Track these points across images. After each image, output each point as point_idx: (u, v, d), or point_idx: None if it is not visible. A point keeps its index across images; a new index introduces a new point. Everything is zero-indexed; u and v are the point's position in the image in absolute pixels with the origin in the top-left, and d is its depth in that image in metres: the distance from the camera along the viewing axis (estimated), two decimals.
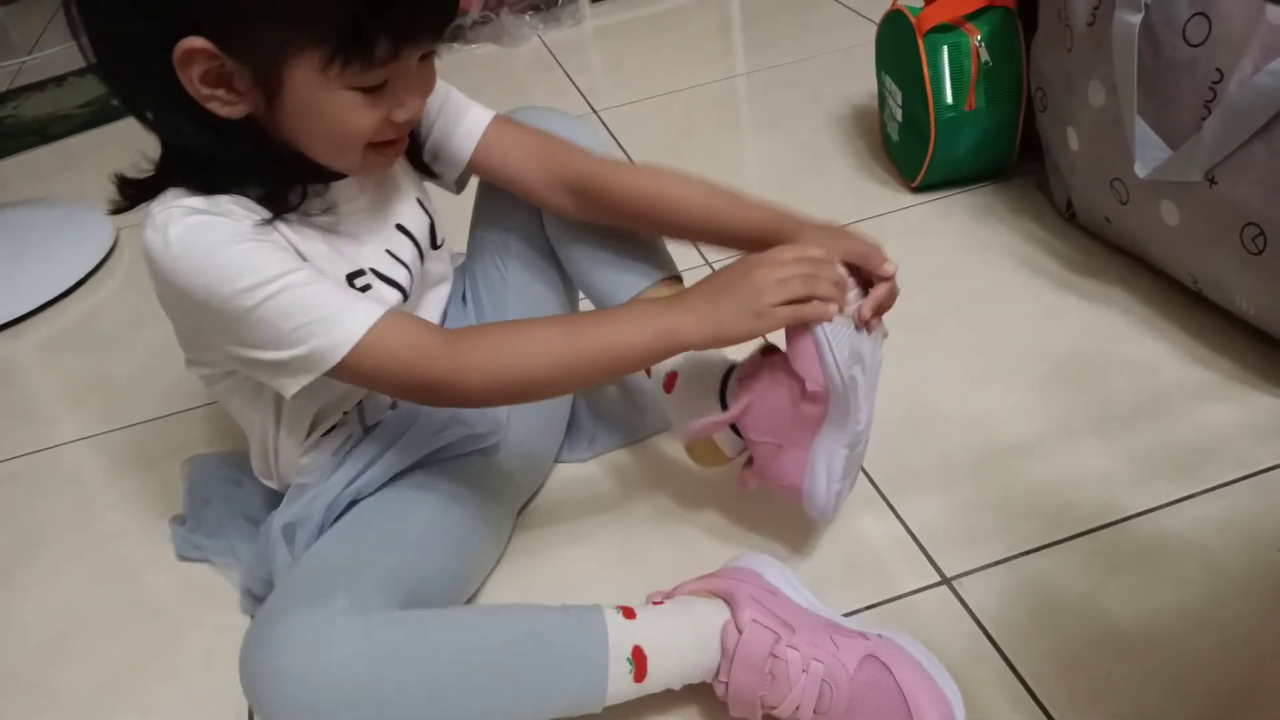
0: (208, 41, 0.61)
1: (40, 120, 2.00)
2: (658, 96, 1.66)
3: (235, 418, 0.83)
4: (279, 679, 0.62)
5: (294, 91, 0.64)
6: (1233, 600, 0.73)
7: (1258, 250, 0.86)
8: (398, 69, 0.66)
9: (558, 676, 0.67)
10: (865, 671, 0.66)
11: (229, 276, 0.65)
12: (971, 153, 1.21)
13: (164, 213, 0.66)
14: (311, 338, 0.66)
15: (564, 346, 0.70)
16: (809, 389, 0.73)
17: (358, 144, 0.69)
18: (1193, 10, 0.86)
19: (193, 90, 0.63)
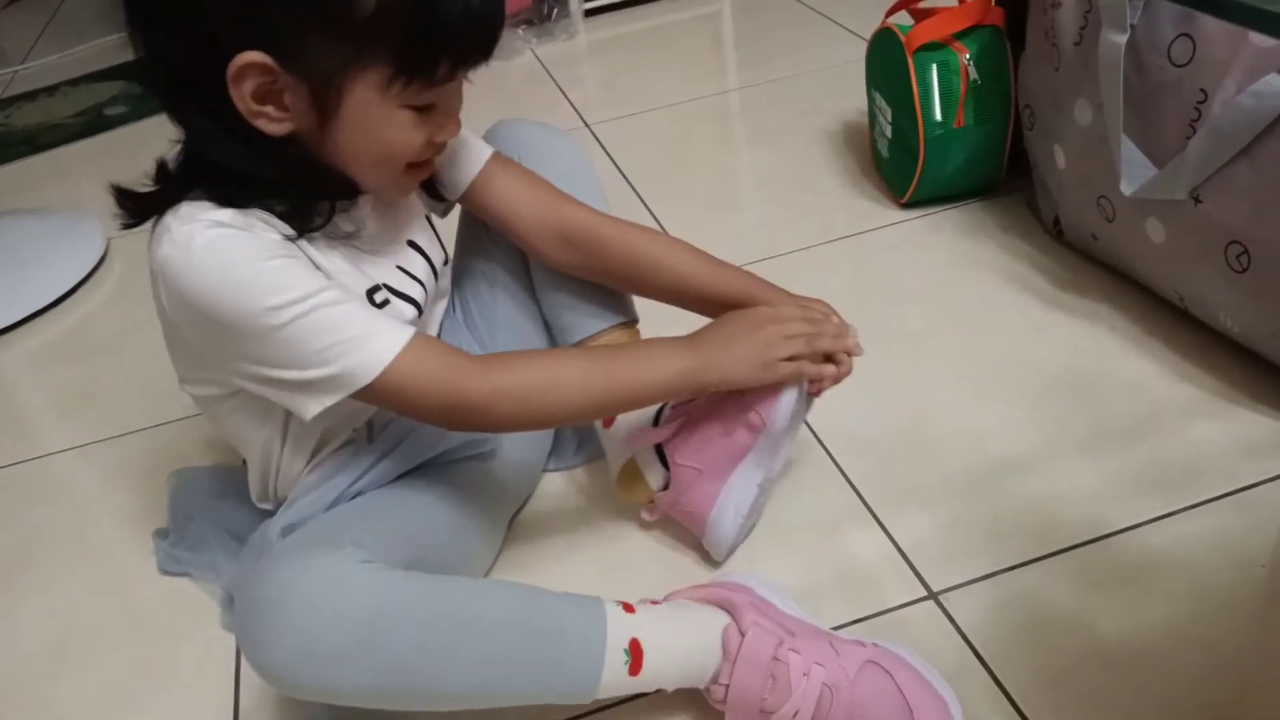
0: (267, 56, 0.61)
1: (31, 130, 1.99)
2: (651, 111, 1.66)
3: (233, 439, 0.81)
4: (281, 620, 0.60)
5: (352, 109, 0.65)
6: (1219, 616, 0.73)
7: (1242, 268, 0.87)
8: (447, 91, 0.68)
9: (554, 659, 0.66)
10: (866, 677, 0.67)
11: (258, 293, 0.64)
12: (960, 170, 1.22)
13: (185, 226, 0.64)
14: (341, 358, 0.66)
15: (595, 379, 0.73)
16: (752, 421, 0.79)
17: (400, 163, 0.71)
18: (1177, 31, 0.87)
19: (242, 106, 0.63)
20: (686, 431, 0.82)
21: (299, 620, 0.60)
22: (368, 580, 0.62)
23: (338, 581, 0.61)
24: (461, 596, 0.66)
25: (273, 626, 0.60)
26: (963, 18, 1.18)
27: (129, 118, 1.93)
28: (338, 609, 0.60)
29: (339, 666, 0.60)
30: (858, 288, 1.15)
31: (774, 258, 1.22)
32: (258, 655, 0.61)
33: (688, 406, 0.82)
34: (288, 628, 0.60)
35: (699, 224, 1.32)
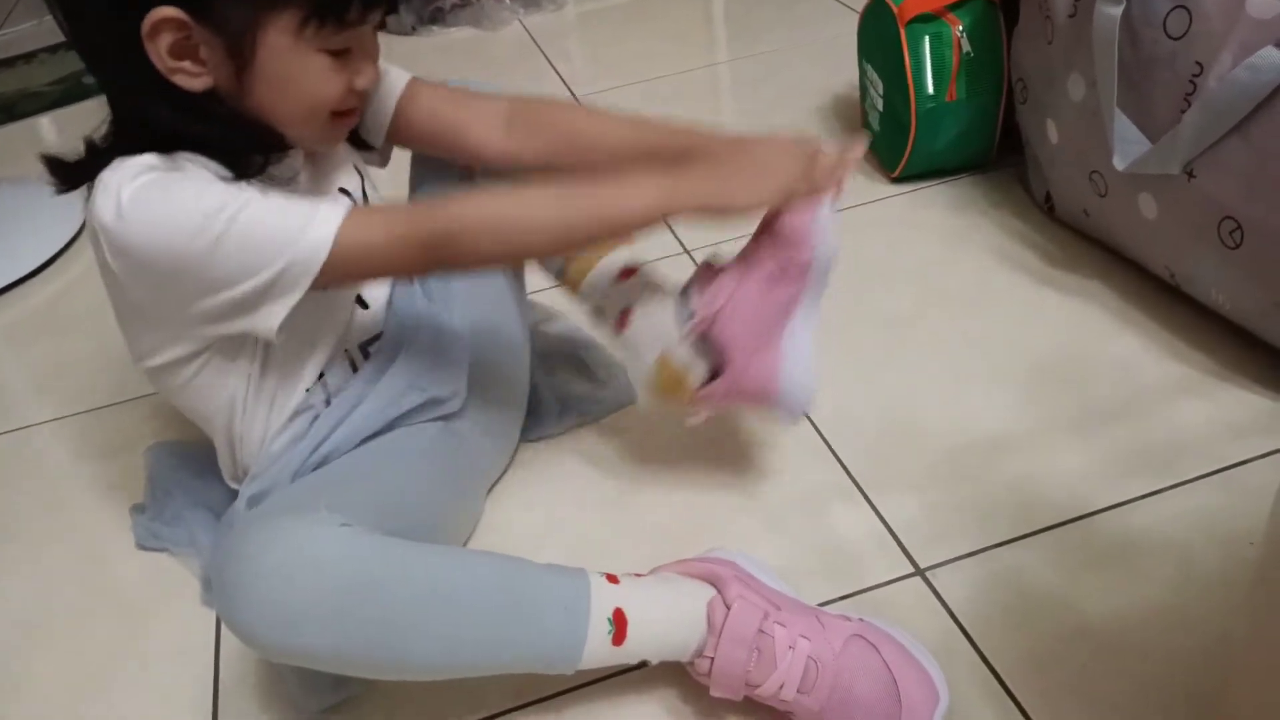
0: (179, 10, 0.62)
1: (9, 98, 1.96)
2: (639, 83, 1.64)
3: (196, 415, 0.80)
4: (259, 580, 0.60)
5: (267, 58, 0.65)
6: (1205, 595, 0.73)
7: (1234, 245, 0.86)
8: (359, 35, 0.69)
9: (536, 626, 0.65)
10: (851, 651, 0.66)
11: (186, 218, 0.63)
12: (952, 144, 1.21)
13: (114, 175, 0.64)
14: (289, 247, 0.64)
15: (571, 204, 0.70)
16: (791, 266, 0.74)
17: (323, 112, 0.71)
18: (1173, 4, 0.86)
19: (159, 63, 0.64)
20: (725, 310, 0.76)
21: (275, 583, 0.60)
22: (345, 543, 0.62)
23: (314, 544, 0.61)
24: (442, 562, 0.65)
25: (249, 590, 0.60)
26: None
27: None
28: (314, 572, 0.60)
29: (317, 630, 0.60)
30: (849, 262, 1.12)
31: None
32: (235, 619, 0.61)
33: (713, 283, 0.77)
34: (264, 591, 0.60)
35: None
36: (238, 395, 0.77)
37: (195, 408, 0.79)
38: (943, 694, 0.66)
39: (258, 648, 0.62)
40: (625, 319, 0.81)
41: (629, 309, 0.81)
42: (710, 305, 0.76)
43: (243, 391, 0.76)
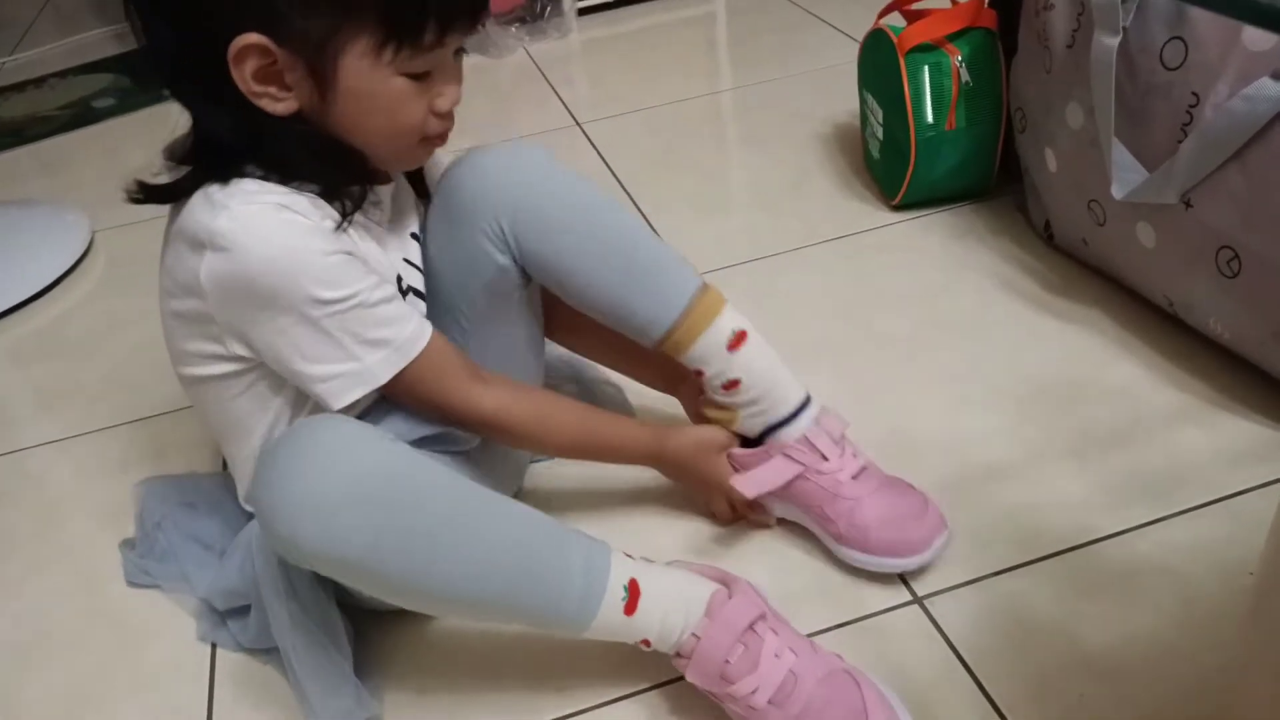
0: (263, 36, 0.63)
1: (18, 121, 1.98)
2: (642, 110, 1.65)
3: (227, 432, 0.78)
4: (300, 465, 0.62)
5: (347, 79, 0.66)
6: (1204, 625, 0.72)
7: (1232, 274, 0.86)
8: (439, 58, 0.69)
9: (560, 570, 0.67)
10: (834, 681, 0.67)
11: (310, 282, 0.66)
12: (951, 172, 1.21)
13: (247, 205, 0.65)
14: (367, 353, 0.69)
15: (585, 427, 0.81)
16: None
17: (408, 136, 0.71)
18: (1170, 34, 0.86)
19: (244, 87, 0.65)
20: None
21: (319, 465, 0.62)
22: (391, 445, 0.65)
23: (363, 439, 0.64)
24: (478, 491, 0.68)
25: (291, 472, 0.62)
26: (955, 19, 1.18)
27: (117, 110, 1.91)
28: (359, 458, 0.63)
29: (351, 519, 0.62)
30: (847, 289, 1.14)
31: (764, 258, 1.22)
32: (270, 505, 0.62)
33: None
34: (306, 471, 0.62)
35: (689, 224, 1.31)
36: (281, 419, 0.75)
37: (233, 421, 0.77)
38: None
39: (287, 539, 0.63)
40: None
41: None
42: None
43: (286, 416, 0.75)
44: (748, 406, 0.81)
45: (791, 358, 1.03)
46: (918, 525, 0.78)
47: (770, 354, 0.81)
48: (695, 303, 0.79)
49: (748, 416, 0.81)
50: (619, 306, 0.79)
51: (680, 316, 0.78)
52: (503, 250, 0.78)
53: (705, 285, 0.80)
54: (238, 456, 0.80)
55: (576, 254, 0.78)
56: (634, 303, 0.78)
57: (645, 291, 0.79)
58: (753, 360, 0.80)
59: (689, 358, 0.80)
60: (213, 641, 0.83)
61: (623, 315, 0.79)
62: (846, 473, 0.79)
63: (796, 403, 0.81)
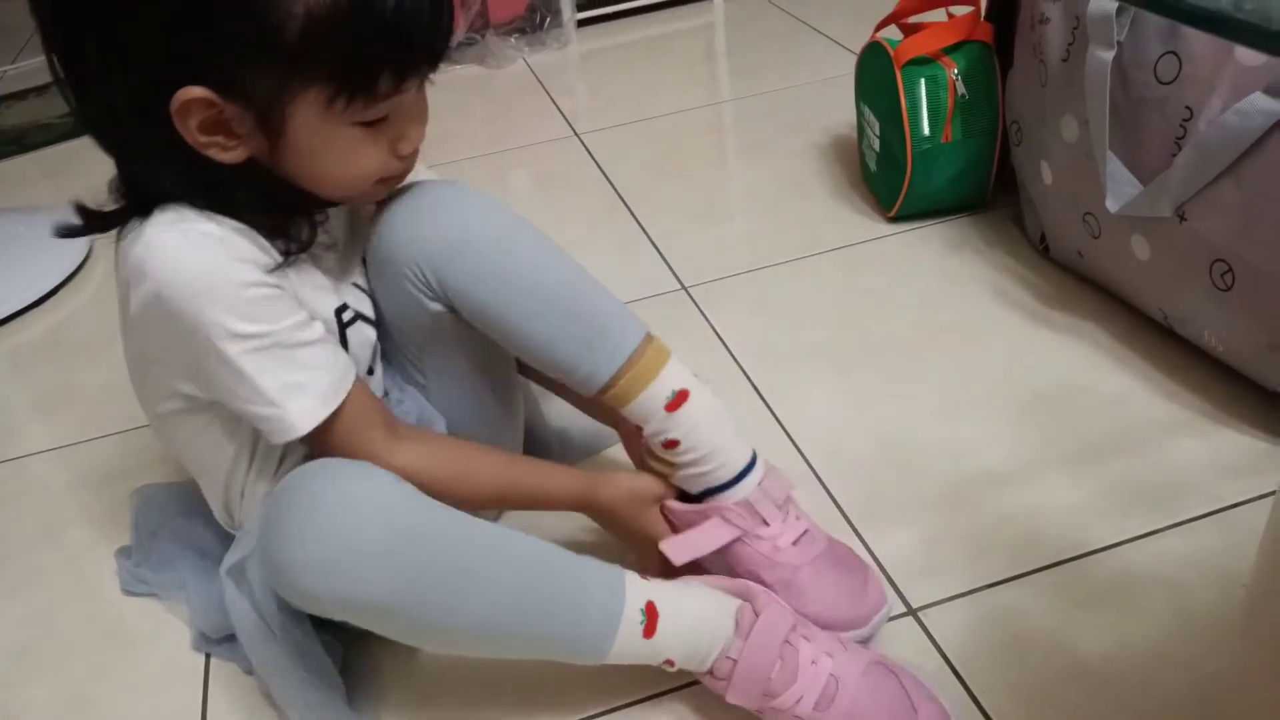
0: (206, 90, 0.60)
1: (19, 129, 1.98)
2: (640, 121, 1.66)
3: (190, 461, 0.78)
4: (314, 517, 0.62)
5: (297, 132, 0.63)
6: (1199, 635, 0.72)
7: (1226, 287, 0.86)
8: (398, 102, 0.66)
9: (573, 603, 0.67)
10: (872, 675, 0.68)
11: (226, 314, 0.64)
12: (947, 184, 1.22)
13: (167, 232, 0.63)
14: (280, 403, 0.67)
15: (503, 477, 0.78)
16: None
17: (364, 182, 0.69)
18: (1164, 49, 0.87)
19: (191, 139, 0.62)
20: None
21: (334, 518, 0.62)
22: (405, 492, 0.65)
23: (376, 487, 0.64)
24: (494, 528, 0.68)
25: (305, 525, 0.62)
26: (951, 33, 1.19)
27: None
28: (374, 509, 0.63)
29: (369, 570, 0.62)
30: (843, 300, 1.15)
31: (760, 269, 1.22)
32: (284, 560, 0.62)
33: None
34: (321, 525, 0.62)
35: (686, 235, 1.31)
36: (245, 451, 0.75)
37: (195, 452, 0.77)
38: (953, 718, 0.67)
39: (304, 591, 0.63)
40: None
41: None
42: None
43: (250, 447, 0.75)
44: (687, 467, 0.76)
45: (788, 367, 1.05)
46: (860, 600, 0.75)
47: (716, 414, 0.75)
48: (635, 357, 0.73)
49: (688, 476, 0.76)
50: (556, 359, 0.73)
51: (619, 370, 0.73)
52: (432, 298, 0.73)
53: (649, 338, 0.74)
54: (207, 490, 0.80)
55: (508, 303, 0.72)
56: (571, 357, 0.73)
57: (582, 345, 0.73)
58: (693, 421, 0.74)
59: (629, 412, 0.75)
60: (206, 652, 0.83)
61: (561, 368, 0.74)
62: (786, 538, 0.75)
63: (739, 467, 0.75)
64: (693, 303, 1.17)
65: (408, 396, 0.81)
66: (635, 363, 0.73)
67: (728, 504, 0.76)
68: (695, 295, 1.19)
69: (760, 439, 0.78)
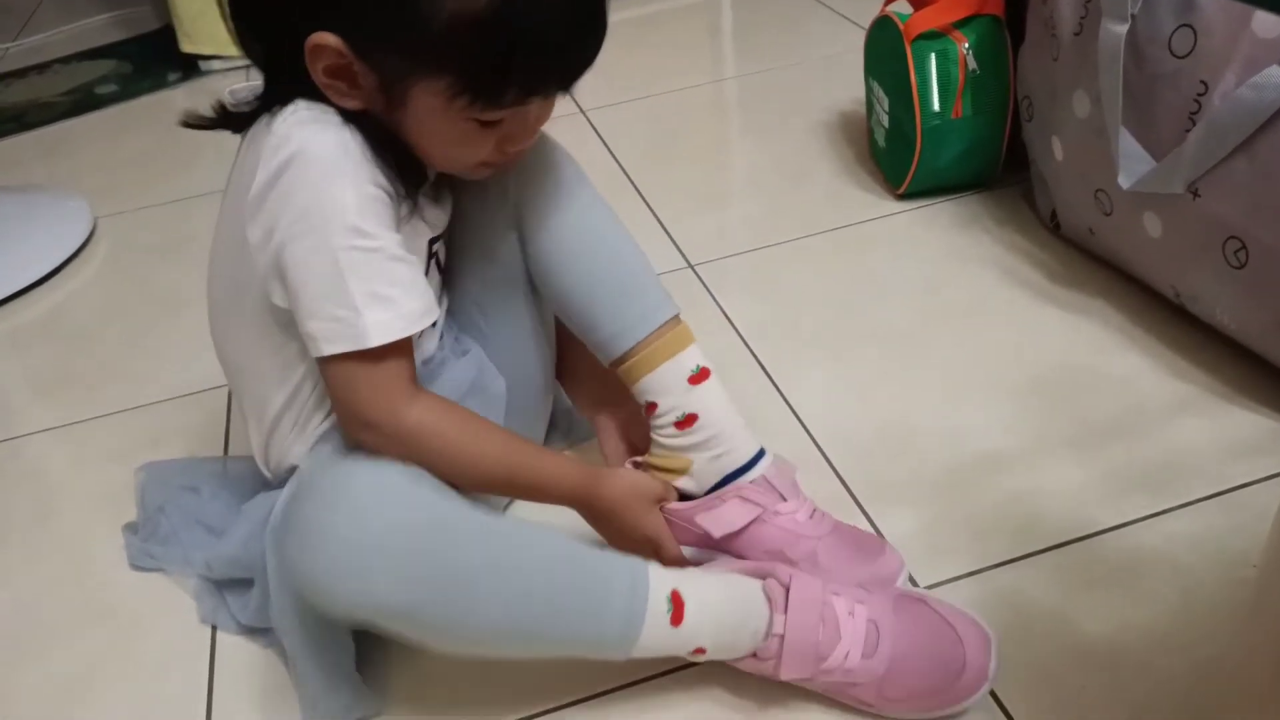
0: (342, 41, 0.62)
1: (20, 107, 1.97)
2: (647, 98, 1.65)
3: (247, 379, 0.76)
4: (330, 520, 0.61)
5: (416, 109, 0.65)
6: (1203, 618, 0.72)
7: (1239, 264, 0.85)
8: (520, 110, 0.66)
9: (597, 597, 0.66)
10: (904, 608, 0.69)
11: (349, 208, 0.63)
12: (957, 161, 1.20)
13: (323, 132, 0.64)
14: (374, 307, 0.65)
15: (511, 460, 0.73)
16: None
17: (468, 164, 0.71)
18: (1178, 22, 0.85)
19: (315, 77, 0.64)
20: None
21: (349, 521, 0.62)
22: (421, 489, 0.64)
23: (392, 486, 0.63)
24: (512, 523, 0.68)
25: (321, 528, 0.62)
26: (962, 7, 1.17)
27: (119, 97, 1.90)
28: (390, 511, 0.62)
29: (386, 574, 0.61)
30: (852, 279, 1.14)
31: (768, 247, 1.21)
32: (301, 563, 0.62)
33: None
34: (337, 529, 0.61)
35: (693, 212, 1.30)
36: (306, 382, 0.74)
37: (258, 377, 0.75)
38: (990, 632, 0.69)
39: (322, 594, 0.62)
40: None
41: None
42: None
43: (312, 380, 0.74)
44: (702, 449, 0.76)
45: (795, 346, 1.04)
46: (882, 564, 0.76)
47: (729, 401, 0.77)
48: (664, 329, 0.76)
49: (703, 461, 0.76)
50: (588, 313, 0.76)
51: (646, 339, 0.75)
52: (510, 225, 0.77)
53: (678, 318, 0.77)
54: (254, 415, 0.78)
55: (565, 251, 0.76)
56: (603, 314, 0.76)
57: (619, 305, 0.76)
58: (711, 399, 0.76)
59: (645, 386, 0.76)
60: (213, 624, 0.83)
61: (590, 323, 0.77)
62: (803, 514, 0.76)
63: (752, 452, 0.77)
64: (700, 281, 1.16)
65: (471, 349, 0.82)
66: (663, 334, 0.75)
67: (745, 484, 0.76)
68: (702, 274, 1.18)
69: (767, 417, 0.78)
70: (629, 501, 0.76)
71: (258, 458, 0.80)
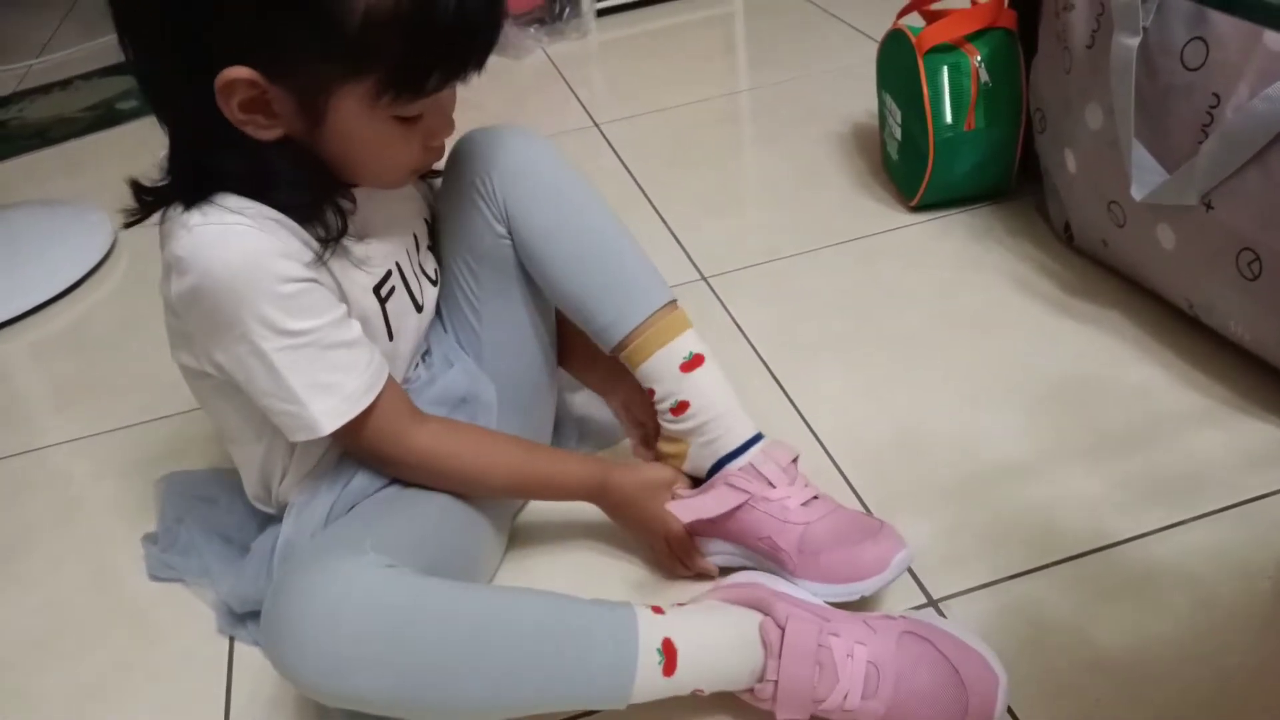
0: (253, 72, 0.62)
1: (43, 123, 2.00)
2: (660, 111, 1.66)
3: (228, 432, 0.80)
4: (307, 624, 0.61)
5: (337, 121, 0.65)
6: (1221, 629, 0.72)
7: (1253, 276, 0.85)
8: (436, 99, 0.67)
9: (584, 660, 0.65)
10: (907, 647, 0.67)
11: (266, 308, 0.65)
12: (970, 173, 1.21)
13: (211, 226, 0.65)
14: (308, 402, 0.68)
15: (522, 467, 0.79)
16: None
17: (401, 169, 0.72)
18: (1190, 35, 0.86)
19: (230, 115, 0.63)
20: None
21: (324, 628, 0.61)
22: (391, 586, 0.63)
23: (361, 587, 0.62)
24: (487, 601, 0.66)
25: (297, 634, 0.61)
26: (974, 20, 1.17)
27: (140, 112, 1.92)
28: (361, 615, 0.61)
29: (366, 673, 0.61)
30: (864, 290, 1.14)
31: (781, 259, 1.21)
32: (284, 662, 0.62)
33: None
34: (312, 635, 0.61)
35: (706, 225, 1.31)
36: (276, 440, 0.76)
37: (237, 430, 0.78)
38: (1000, 673, 0.67)
39: (307, 690, 0.63)
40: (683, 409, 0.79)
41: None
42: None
43: (281, 438, 0.75)
44: (695, 435, 0.78)
45: (807, 358, 1.04)
46: (873, 544, 0.75)
47: (725, 386, 0.79)
48: (657, 317, 0.77)
49: (697, 446, 0.79)
50: (585, 303, 0.78)
51: (639, 326, 0.77)
52: (496, 218, 0.78)
53: (673, 304, 0.79)
54: (237, 458, 0.82)
55: (557, 240, 0.78)
56: (598, 303, 0.78)
57: (611, 295, 0.78)
58: (704, 385, 0.78)
59: (642, 372, 0.78)
60: (231, 635, 0.84)
61: (586, 313, 0.79)
62: (795, 500, 0.76)
63: (745, 437, 0.78)
64: (712, 293, 1.17)
65: (459, 363, 0.82)
66: (656, 322, 0.77)
67: (733, 470, 0.77)
68: (715, 285, 1.19)
69: (780, 428, 0.78)
70: (638, 493, 0.79)
71: (259, 503, 0.83)
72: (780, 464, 0.78)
